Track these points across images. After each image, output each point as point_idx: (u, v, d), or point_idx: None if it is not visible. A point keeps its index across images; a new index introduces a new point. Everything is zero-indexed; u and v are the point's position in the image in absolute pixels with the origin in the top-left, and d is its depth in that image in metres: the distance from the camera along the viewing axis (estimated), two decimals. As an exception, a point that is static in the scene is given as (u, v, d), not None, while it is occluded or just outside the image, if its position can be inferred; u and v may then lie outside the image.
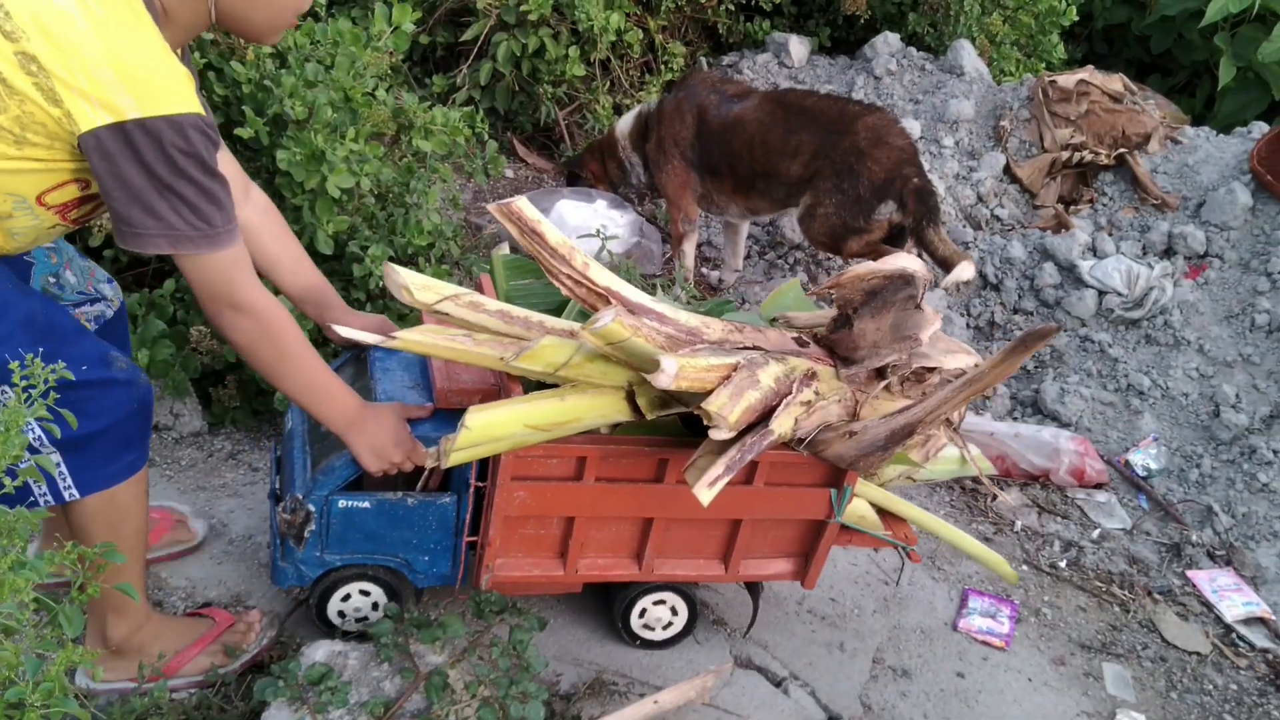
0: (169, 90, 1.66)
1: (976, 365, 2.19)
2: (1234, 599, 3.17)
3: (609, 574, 2.31)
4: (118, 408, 1.89)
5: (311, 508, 2.10)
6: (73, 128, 1.63)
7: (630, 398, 2.04)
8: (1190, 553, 3.35)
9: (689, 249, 4.32)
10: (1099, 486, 3.60)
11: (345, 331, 2.15)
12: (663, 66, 5.17)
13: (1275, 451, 3.56)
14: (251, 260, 1.91)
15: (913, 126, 4.74)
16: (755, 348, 2.09)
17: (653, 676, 2.42)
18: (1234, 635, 3.07)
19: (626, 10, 4.82)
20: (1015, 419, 3.91)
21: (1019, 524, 3.40)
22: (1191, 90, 6.60)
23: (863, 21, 5.37)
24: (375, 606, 2.28)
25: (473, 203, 4.51)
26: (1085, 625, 3.01)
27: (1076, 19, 5.63)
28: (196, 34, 1.85)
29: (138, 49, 1.65)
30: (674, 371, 1.85)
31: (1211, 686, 2.88)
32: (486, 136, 4.04)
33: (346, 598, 2.26)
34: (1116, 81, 4.78)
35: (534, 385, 2.09)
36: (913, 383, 2.24)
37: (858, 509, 2.43)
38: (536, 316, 2.08)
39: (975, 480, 3.53)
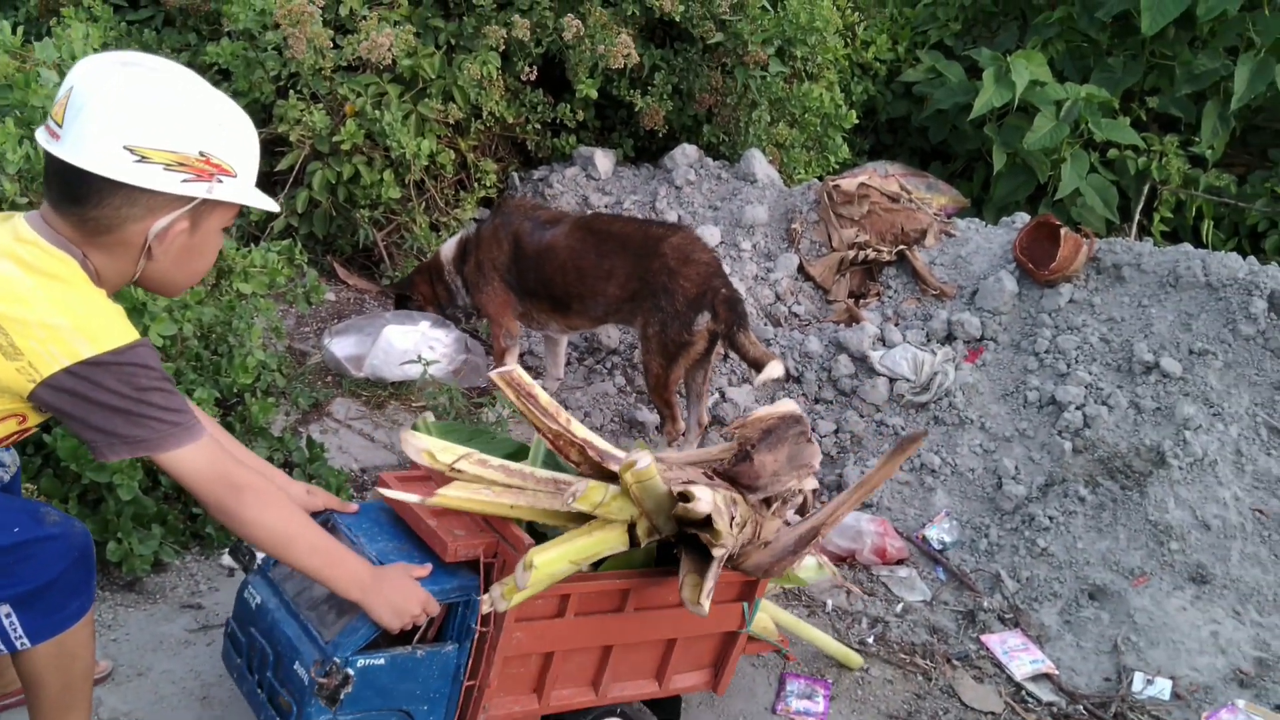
0: (112, 326, 1.89)
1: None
2: (1022, 658, 3.50)
3: (572, 703, 2.55)
4: (59, 559, 2.04)
5: (350, 671, 2.14)
6: (33, 375, 1.82)
7: (630, 529, 2.37)
8: (983, 618, 3.68)
9: (511, 362, 4.53)
10: (900, 563, 3.92)
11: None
12: (476, 184, 5.41)
13: (1050, 518, 3.94)
14: None
15: (712, 233, 5.08)
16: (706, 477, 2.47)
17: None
18: (1023, 692, 3.39)
19: (438, 134, 5.04)
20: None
21: (830, 604, 3.67)
22: (970, 175, 7.18)
23: (662, 133, 5.71)
24: None
25: (296, 329, 4.62)
26: (892, 696, 3.28)
27: (856, 121, 6.09)
28: (122, 287, 2.05)
29: (79, 299, 1.88)
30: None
31: (1005, 743, 3.19)
32: (305, 266, 4.17)
33: None
34: (893, 183, 5.23)
35: (528, 526, 2.39)
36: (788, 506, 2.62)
37: (761, 621, 2.79)
38: (528, 468, 2.42)
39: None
